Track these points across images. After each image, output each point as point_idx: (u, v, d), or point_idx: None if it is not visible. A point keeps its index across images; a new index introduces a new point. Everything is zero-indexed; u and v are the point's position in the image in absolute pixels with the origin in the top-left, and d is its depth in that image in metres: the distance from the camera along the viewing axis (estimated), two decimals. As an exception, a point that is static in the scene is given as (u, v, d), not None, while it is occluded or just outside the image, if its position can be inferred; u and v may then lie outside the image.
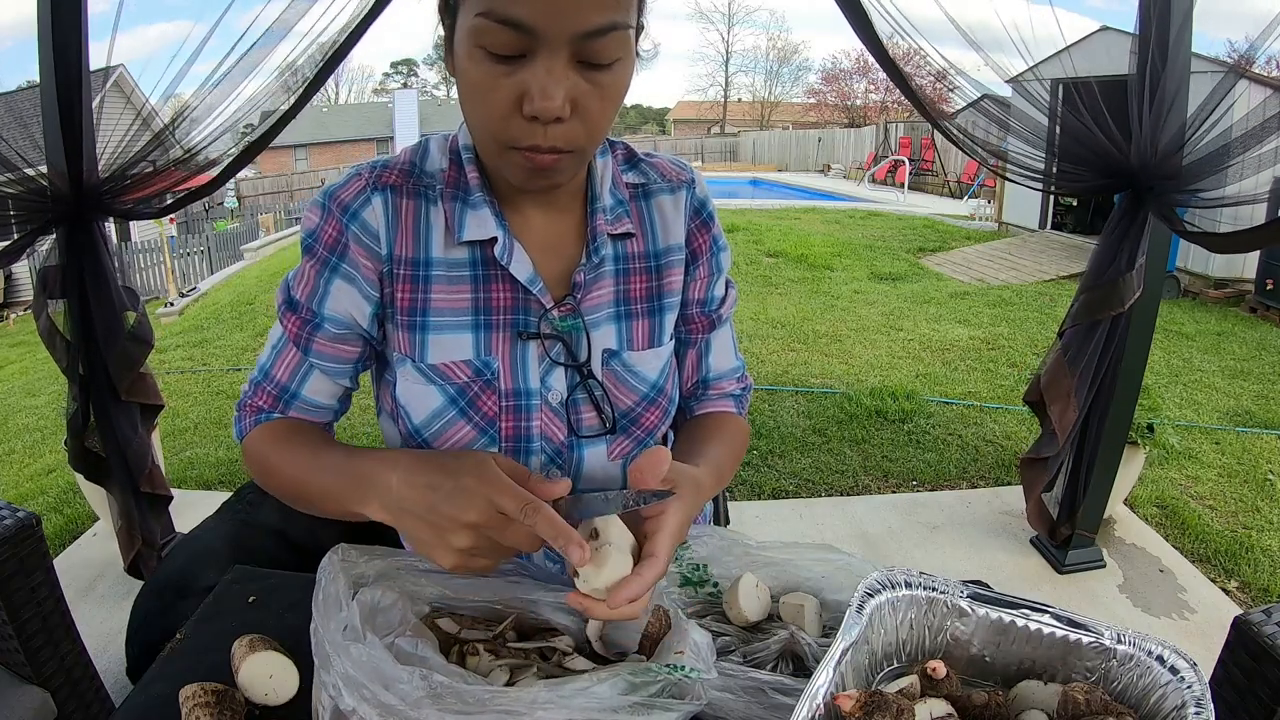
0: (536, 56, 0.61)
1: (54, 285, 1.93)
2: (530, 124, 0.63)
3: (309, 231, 0.78)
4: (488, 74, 0.63)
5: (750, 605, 0.77)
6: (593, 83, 0.64)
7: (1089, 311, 2.01)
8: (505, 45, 0.61)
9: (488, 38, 0.61)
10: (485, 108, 0.64)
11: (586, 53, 0.62)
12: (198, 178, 2.03)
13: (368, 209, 0.76)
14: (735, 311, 0.96)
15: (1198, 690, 0.58)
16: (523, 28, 0.60)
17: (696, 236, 0.88)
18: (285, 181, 21.42)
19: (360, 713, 0.54)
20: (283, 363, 0.81)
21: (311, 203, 0.79)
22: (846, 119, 28.97)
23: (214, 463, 3.32)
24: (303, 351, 0.80)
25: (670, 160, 0.89)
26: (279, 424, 0.82)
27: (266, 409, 0.82)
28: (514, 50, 0.61)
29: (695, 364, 0.93)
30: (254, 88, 1.90)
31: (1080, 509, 2.29)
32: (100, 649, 1.92)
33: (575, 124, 0.65)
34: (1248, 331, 5.42)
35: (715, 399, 0.95)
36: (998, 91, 2.17)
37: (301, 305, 0.79)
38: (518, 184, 0.71)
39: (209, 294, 7.80)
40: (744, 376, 0.97)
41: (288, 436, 0.80)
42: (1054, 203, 8.78)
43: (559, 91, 0.61)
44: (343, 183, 0.77)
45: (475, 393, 0.79)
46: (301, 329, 0.79)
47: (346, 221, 0.76)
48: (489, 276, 0.78)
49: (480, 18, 0.61)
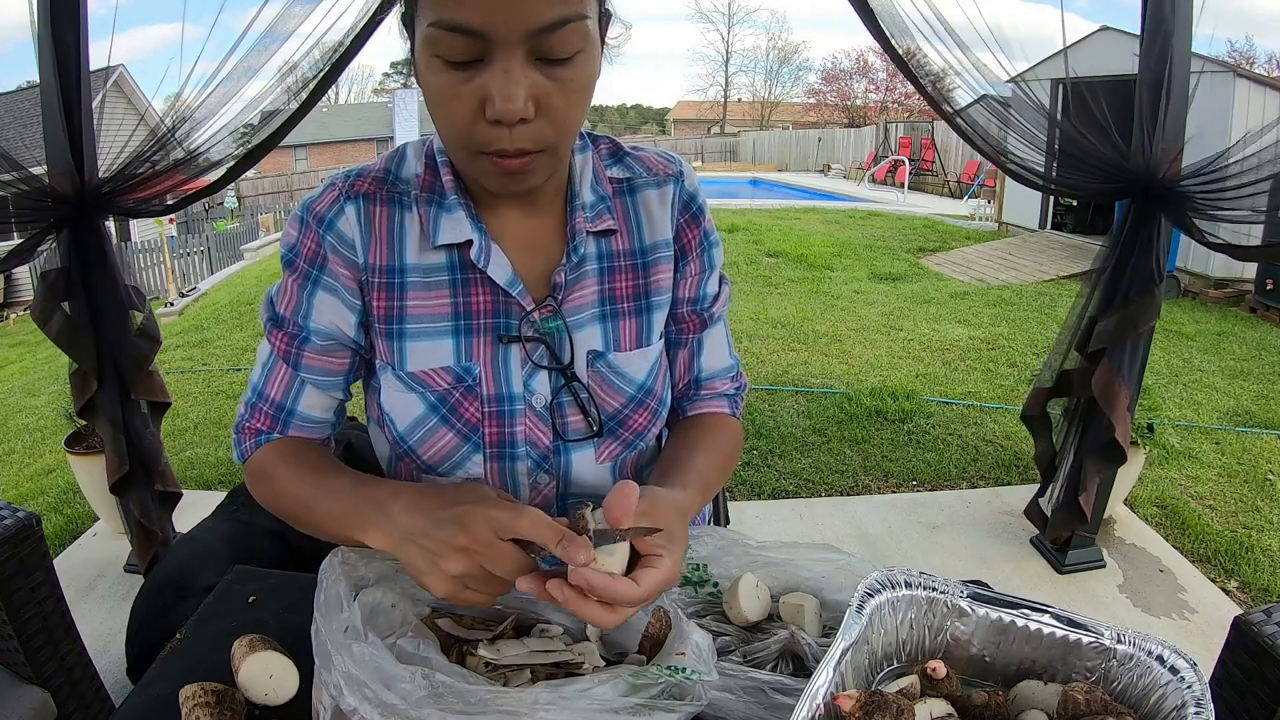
0: (493, 59, 0.61)
1: (59, 287, 1.93)
2: (495, 128, 0.63)
3: (289, 246, 0.78)
4: (447, 82, 0.62)
5: (750, 605, 0.76)
6: (554, 78, 0.63)
7: (1131, 326, 1.99)
8: (459, 51, 0.61)
9: (441, 46, 0.61)
10: (449, 116, 0.64)
11: (543, 49, 0.61)
12: (200, 180, 2.03)
13: (342, 218, 0.76)
14: (735, 311, 0.94)
15: (1198, 690, 0.58)
16: (473, 32, 0.59)
17: (686, 232, 0.85)
18: (285, 181, 21.41)
19: (362, 712, 0.54)
20: (275, 380, 0.81)
21: (290, 216, 0.79)
22: (846, 119, 28.98)
23: (214, 463, 3.32)
24: (293, 367, 0.79)
25: (658, 154, 0.86)
26: (280, 446, 0.81)
27: (265, 430, 0.82)
28: (468, 56, 0.61)
29: (687, 364, 0.90)
30: (255, 89, 1.90)
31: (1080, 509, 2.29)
32: (100, 649, 1.92)
33: (542, 123, 0.64)
34: (1248, 331, 5.42)
35: (708, 399, 0.92)
36: (997, 92, 2.17)
37: (287, 320, 0.78)
38: (494, 190, 0.70)
39: (209, 294, 7.80)
40: (738, 375, 0.94)
41: (290, 459, 0.79)
42: (1054, 203, 8.79)
43: (519, 92, 0.61)
44: (318, 194, 0.77)
45: (457, 399, 0.78)
46: (289, 344, 0.79)
47: (323, 232, 0.76)
48: (467, 281, 0.77)
49: (432, 27, 0.60)
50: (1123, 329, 2.00)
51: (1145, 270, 1.97)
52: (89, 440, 2.39)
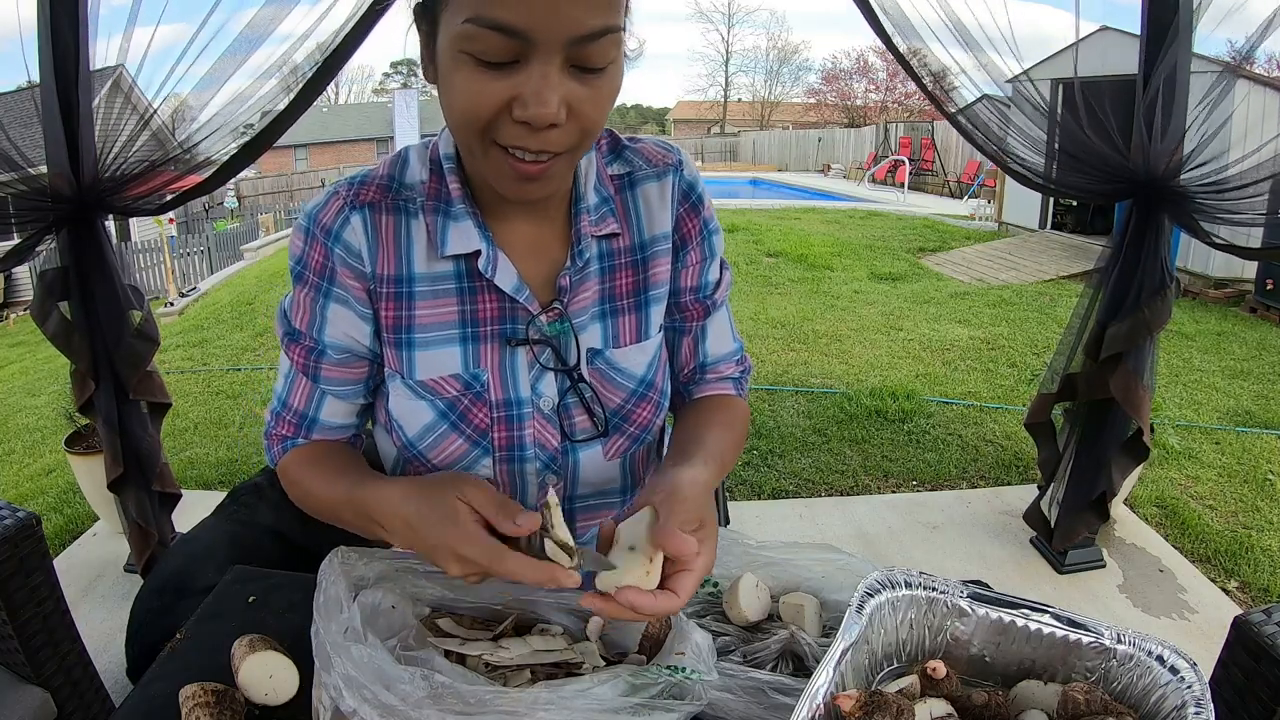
0: (529, 62, 0.60)
1: (58, 286, 1.93)
2: (519, 127, 0.62)
3: (296, 258, 0.77)
4: (475, 80, 0.61)
5: (750, 605, 0.77)
6: (587, 86, 0.62)
7: (1146, 330, 1.98)
8: (496, 51, 0.59)
9: (476, 43, 0.59)
10: (471, 110, 0.62)
11: (579, 57, 0.61)
12: (197, 175, 2.02)
13: (348, 229, 0.75)
14: (735, 311, 0.94)
15: (1198, 690, 0.58)
16: (515, 33, 0.58)
17: (686, 221, 0.85)
18: (285, 181, 21.42)
19: (361, 713, 0.54)
20: (296, 392, 0.82)
21: (295, 225, 0.79)
22: (846, 119, 28.97)
23: (214, 463, 3.32)
24: (312, 380, 0.80)
25: (656, 143, 0.86)
26: (305, 451, 0.83)
27: (290, 436, 0.83)
28: (505, 56, 0.60)
29: (692, 350, 0.90)
30: (253, 87, 1.90)
31: (1079, 509, 2.29)
32: (100, 649, 1.92)
33: (570, 128, 0.64)
34: (1248, 331, 5.42)
35: (714, 383, 0.92)
36: (997, 91, 2.16)
37: (303, 335, 0.79)
38: (505, 194, 0.69)
39: (209, 294, 7.80)
40: (743, 359, 0.94)
41: (313, 463, 0.81)
42: (1054, 203, 8.79)
43: (554, 97, 0.60)
44: (322, 203, 0.77)
45: (465, 406, 0.79)
46: (307, 358, 0.79)
47: (330, 244, 0.75)
48: (475, 289, 0.77)
49: (469, 23, 0.59)
50: (1137, 332, 1.99)
51: (1155, 273, 1.96)
52: (89, 440, 2.39)
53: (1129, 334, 2.00)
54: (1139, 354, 2.03)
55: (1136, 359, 2.03)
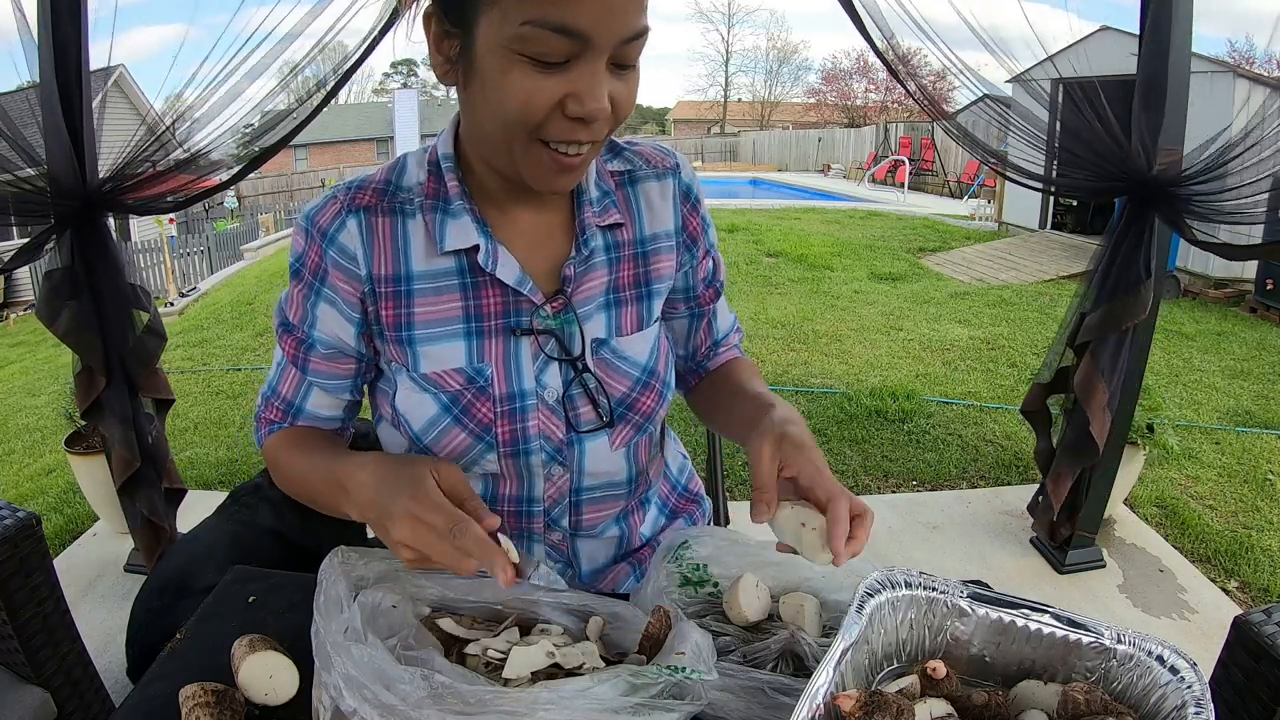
0: (584, 61, 0.63)
1: (64, 286, 1.93)
2: (571, 123, 0.65)
3: (295, 256, 0.80)
4: (529, 79, 0.63)
5: (750, 605, 0.77)
6: (623, 81, 0.67)
7: (1115, 322, 2.00)
8: (555, 52, 0.62)
9: (534, 45, 0.61)
10: (526, 112, 0.65)
11: (620, 55, 0.65)
12: (207, 180, 2.04)
13: (344, 232, 0.77)
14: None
15: (1198, 690, 0.58)
16: (577, 35, 0.61)
17: (691, 221, 0.90)
18: (285, 181, 21.43)
19: (361, 713, 0.54)
20: (286, 381, 0.85)
21: (296, 225, 0.81)
22: (846, 119, 28.96)
23: (214, 463, 3.32)
24: (301, 370, 0.84)
25: (653, 146, 0.90)
26: (288, 432, 0.86)
27: (277, 421, 0.87)
28: (564, 56, 0.62)
29: (707, 330, 0.98)
30: (256, 90, 1.91)
31: (1080, 509, 2.29)
32: (100, 649, 1.92)
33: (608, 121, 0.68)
34: (1248, 331, 5.42)
35: (724, 353, 1.01)
36: (997, 91, 2.16)
37: (295, 328, 0.82)
38: (539, 186, 0.71)
39: (209, 294, 7.80)
40: (739, 326, 1.04)
41: (293, 444, 0.84)
42: (1054, 203, 8.78)
43: (605, 93, 0.64)
44: (320, 205, 0.79)
45: (469, 400, 0.80)
46: (297, 350, 0.83)
47: (325, 246, 0.78)
48: (477, 284, 0.79)
49: (528, 26, 0.60)
50: (1106, 324, 2.02)
51: (1133, 267, 1.98)
52: (89, 440, 2.39)
53: (1099, 324, 2.03)
54: (1110, 349, 2.05)
55: (1107, 354, 2.05)
